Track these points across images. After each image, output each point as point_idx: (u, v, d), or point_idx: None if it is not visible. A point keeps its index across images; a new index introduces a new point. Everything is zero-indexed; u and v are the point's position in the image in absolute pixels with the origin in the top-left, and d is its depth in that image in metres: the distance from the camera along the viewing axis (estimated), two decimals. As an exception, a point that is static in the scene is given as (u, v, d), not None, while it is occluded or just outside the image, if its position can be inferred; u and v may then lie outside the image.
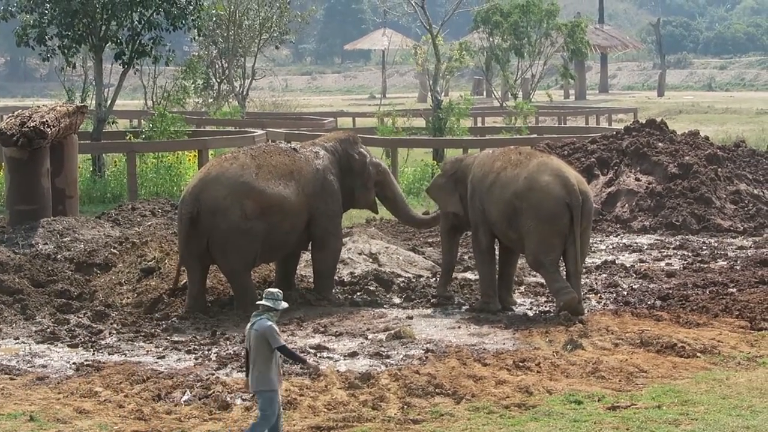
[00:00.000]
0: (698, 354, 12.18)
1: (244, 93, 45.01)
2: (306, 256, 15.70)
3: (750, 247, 18.99)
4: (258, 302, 9.42)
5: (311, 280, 15.40)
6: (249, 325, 9.33)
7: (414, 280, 15.98)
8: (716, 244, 19.29)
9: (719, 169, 22.15)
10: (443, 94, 37.21)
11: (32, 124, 17.43)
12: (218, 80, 45.31)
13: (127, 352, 12.70)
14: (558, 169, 14.21)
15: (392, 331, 13.16)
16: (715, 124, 42.77)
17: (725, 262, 17.61)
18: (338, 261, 15.48)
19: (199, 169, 25.00)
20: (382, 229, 19.05)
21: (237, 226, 14.16)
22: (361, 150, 15.54)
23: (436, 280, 16.12)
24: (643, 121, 24.68)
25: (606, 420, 10.09)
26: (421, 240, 19.38)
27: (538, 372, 11.57)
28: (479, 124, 41.81)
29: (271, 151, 14.89)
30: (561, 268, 14.26)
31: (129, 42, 25.93)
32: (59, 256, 16.13)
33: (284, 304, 9.34)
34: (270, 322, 9.23)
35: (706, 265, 17.33)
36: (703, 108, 51.53)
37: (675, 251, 18.73)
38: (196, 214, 14.20)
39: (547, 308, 14.62)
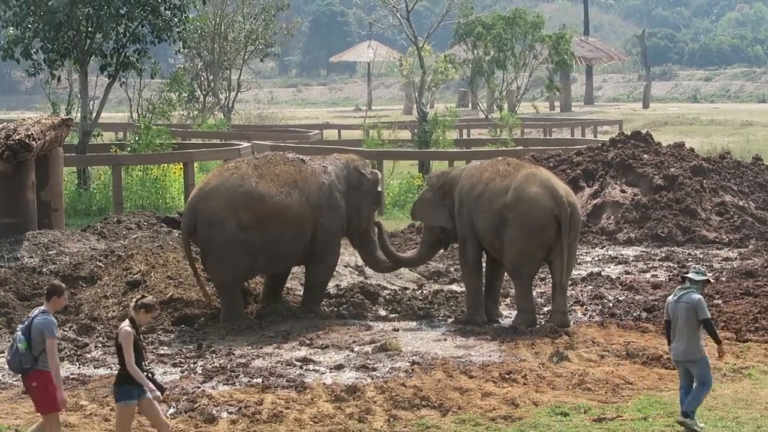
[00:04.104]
0: (684, 365, 12.18)
1: (230, 105, 45.05)
2: (294, 269, 15.64)
3: (735, 258, 19.04)
4: (684, 275, 10.11)
5: (297, 292, 15.36)
6: (673, 297, 9.98)
7: (400, 293, 15.96)
8: (702, 256, 19.33)
9: (704, 181, 22.20)
10: (429, 106, 37.24)
11: (17, 137, 17.36)
12: (203, 93, 45.35)
13: (112, 365, 12.62)
14: (546, 181, 14.22)
15: (378, 344, 13.15)
16: (700, 135, 42.84)
17: (710, 274, 17.62)
18: (331, 277, 15.42)
19: (184, 181, 25.20)
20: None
21: (233, 237, 14.05)
22: (373, 171, 15.48)
23: (422, 292, 16.13)
24: (629, 133, 24.76)
25: (592, 432, 10.10)
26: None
27: (524, 384, 11.58)
28: (465, 137, 41.85)
29: (276, 160, 14.70)
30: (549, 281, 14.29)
31: (114, 54, 25.87)
32: (44, 269, 16.07)
33: (702, 277, 10.01)
34: (698, 295, 9.86)
35: (691, 277, 17.33)
36: (688, 120, 51.61)
37: (660, 263, 18.76)
38: (193, 226, 14.16)
39: (533, 320, 14.62)
